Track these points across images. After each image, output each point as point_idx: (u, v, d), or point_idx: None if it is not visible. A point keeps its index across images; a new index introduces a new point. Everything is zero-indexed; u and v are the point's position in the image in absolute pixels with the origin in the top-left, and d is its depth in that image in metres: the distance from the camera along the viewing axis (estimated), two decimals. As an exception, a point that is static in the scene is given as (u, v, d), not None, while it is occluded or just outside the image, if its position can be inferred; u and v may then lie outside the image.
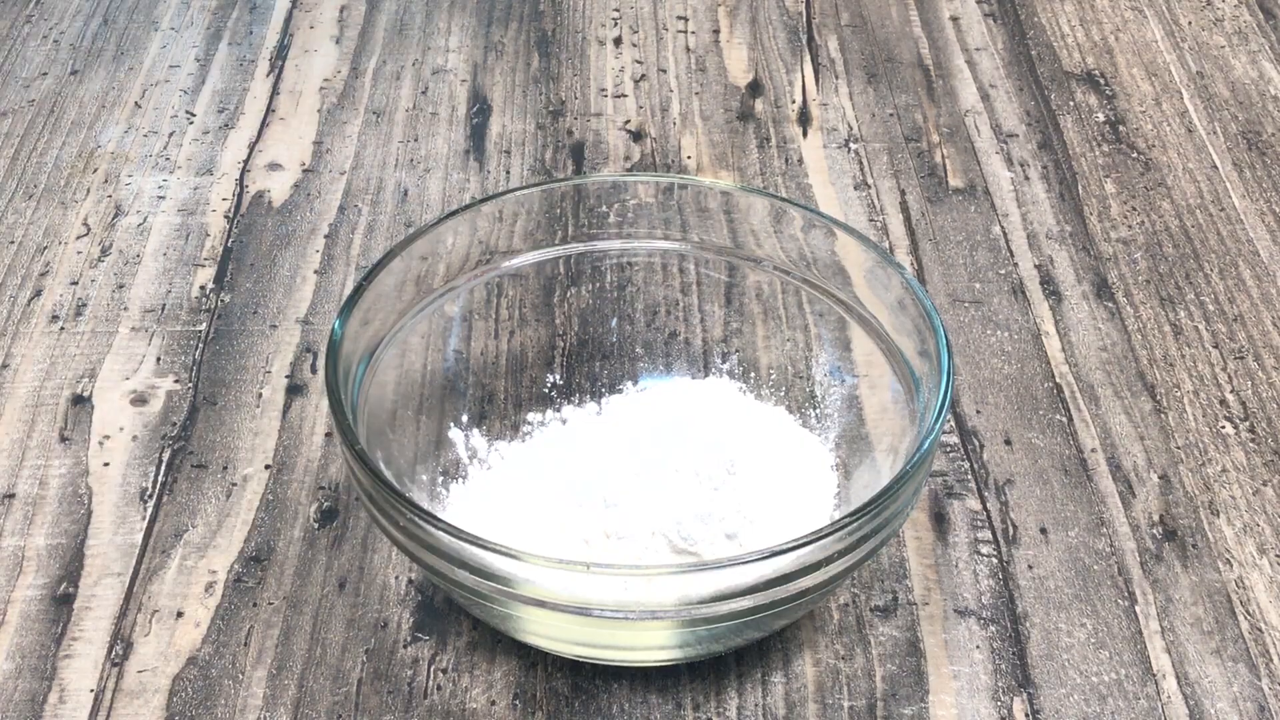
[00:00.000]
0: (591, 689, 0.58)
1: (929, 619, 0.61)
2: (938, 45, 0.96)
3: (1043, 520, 0.65)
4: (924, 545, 0.64)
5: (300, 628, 0.60)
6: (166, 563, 0.63)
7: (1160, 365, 0.73)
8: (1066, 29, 0.98)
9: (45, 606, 0.61)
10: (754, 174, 0.85)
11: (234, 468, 0.67)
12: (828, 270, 0.64)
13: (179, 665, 0.59)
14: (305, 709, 0.57)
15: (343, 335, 0.58)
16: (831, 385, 0.65)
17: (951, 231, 0.81)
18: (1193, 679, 0.59)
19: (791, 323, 0.67)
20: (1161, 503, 0.66)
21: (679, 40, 0.96)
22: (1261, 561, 0.64)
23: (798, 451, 0.64)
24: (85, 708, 0.57)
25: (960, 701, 0.58)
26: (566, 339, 0.70)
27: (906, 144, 0.87)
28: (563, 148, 0.87)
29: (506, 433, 0.66)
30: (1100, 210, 0.83)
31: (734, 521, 0.59)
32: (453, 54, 0.95)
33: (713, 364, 0.68)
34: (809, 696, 0.58)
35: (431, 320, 0.65)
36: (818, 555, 0.52)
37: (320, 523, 0.64)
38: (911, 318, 0.60)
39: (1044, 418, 0.70)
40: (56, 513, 0.65)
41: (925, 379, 0.58)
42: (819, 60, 0.94)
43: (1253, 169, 0.86)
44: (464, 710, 0.57)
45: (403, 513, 0.53)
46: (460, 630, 0.60)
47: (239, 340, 0.73)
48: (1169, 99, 0.91)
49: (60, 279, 0.77)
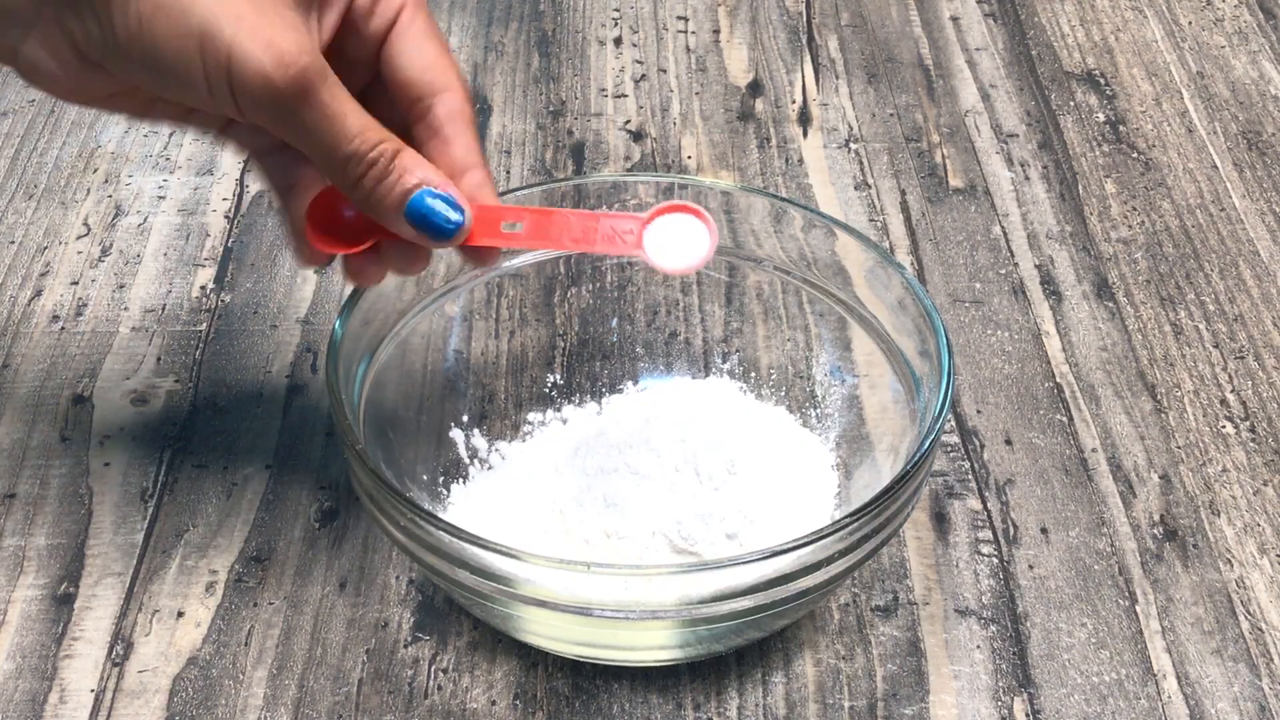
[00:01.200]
0: (592, 689, 0.58)
1: (929, 619, 0.61)
2: (938, 45, 0.96)
3: (1043, 520, 0.65)
4: (924, 545, 0.64)
5: (301, 628, 0.60)
6: (167, 563, 0.63)
7: (1160, 365, 0.73)
8: (1067, 29, 0.98)
9: (46, 606, 0.61)
10: (754, 174, 0.85)
11: (234, 468, 0.67)
12: (828, 270, 0.64)
13: (179, 665, 0.59)
14: (306, 709, 0.57)
15: (343, 335, 0.58)
16: (832, 385, 0.65)
17: (952, 231, 0.81)
18: (1193, 679, 0.59)
19: (792, 323, 0.67)
20: (1162, 503, 0.66)
21: (679, 40, 0.96)
22: (1262, 561, 0.64)
23: (798, 451, 0.64)
24: (85, 708, 0.57)
25: (961, 701, 0.58)
26: (567, 339, 0.70)
27: (907, 144, 0.87)
28: (563, 148, 0.87)
29: (507, 433, 0.66)
30: (1100, 210, 0.83)
31: (734, 521, 0.59)
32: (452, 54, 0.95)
33: (713, 364, 0.69)
34: (809, 696, 0.58)
35: (432, 320, 0.65)
36: (818, 555, 0.52)
37: (321, 523, 0.64)
38: (912, 318, 0.60)
39: (1044, 418, 0.70)
40: (57, 513, 0.65)
41: (925, 379, 0.58)
42: (819, 60, 0.94)
43: (1253, 169, 0.86)
44: (464, 710, 0.57)
45: (403, 513, 0.53)
46: (461, 630, 0.60)
47: (239, 340, 0.73)
48: (1169, 99, 0.91)
49: (60, 279, 0.77)
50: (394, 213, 0.51)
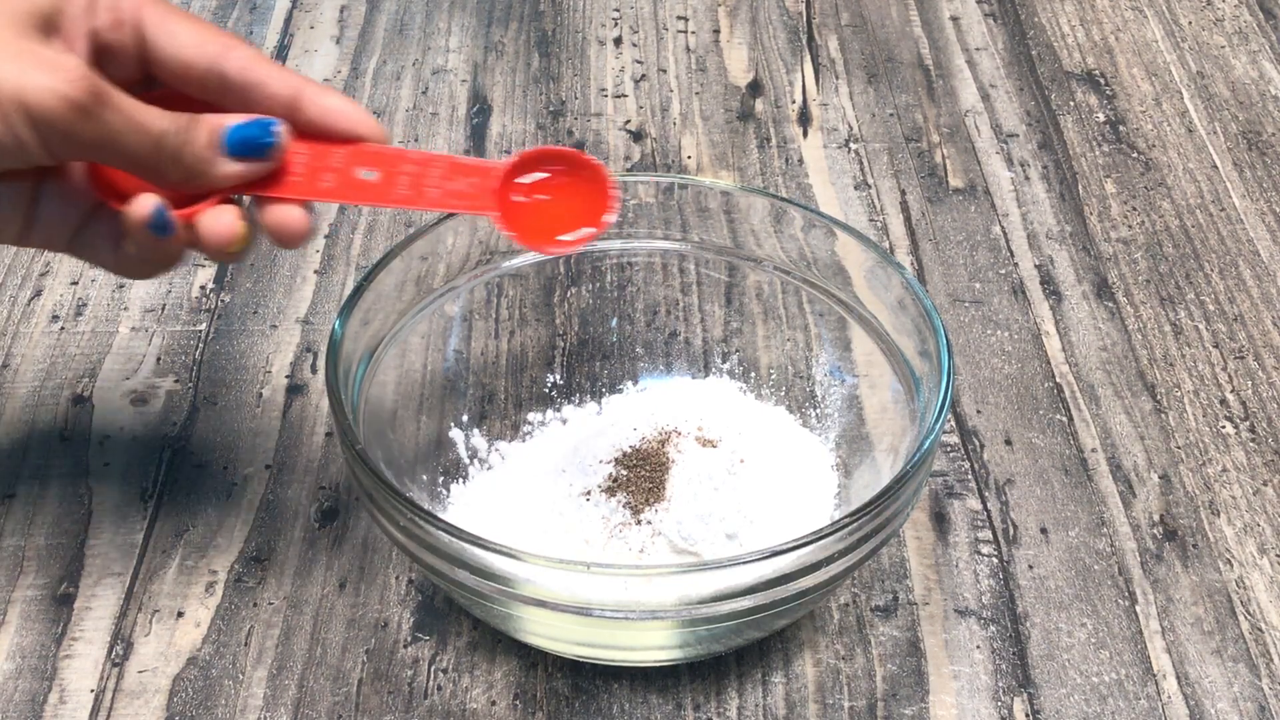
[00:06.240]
0: (592, 689, 0.58)
1: (929, 619, 0.61)
2: (938, 45, 0.96)
3: (1043, 520, 0.65)
4: (924, 545, 0.64)
5: (300, 628, 0.60)
6: (167, 563, 0.63)
7: (1160, 365, 0.73)
8: (1066, 29, 0.98)
9: (45, 606, 0.61)
10: (754, 174, 0.85)
11: (234, 468, 0.67)
12: (828, 270, 0.64)
13: (179, 665, 0.59)
14: (305, 709, 0.57)
15: (343, 335, 0.58)
16: (832, 385, 0.65)
17: (951, 231, 0.81)
18: (1193, 679, 0.59)
19: (792, 322, 0.67)
20: (1162, 503, 0.66)
21: (679, 40, 0.96)
22: (1262, 561, 0.64)
23: (798, 451, 0.64)
24: (85, 708, 0.57)
25: (961, 702, 0.58)
26: (567, 339, 0.70)
27: (907, 144, 0.87)
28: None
29: (507, 433, 0.66)
30: (1100, 210, 0.83)
31: (734, 521, 0.59)
32: (453, 54, 0.95)
33: (713, 364, 0.69)
34: (809, 696, 0.58)
35: (432, 320, 0.65)
36: (818, 555, 0.52)
37: (320, 523, 0.64)
38: (912, 317, 0.60)
39: (1044, 418, 0.70)
40: (57, 513, 0.65)
41: (925, 379, 0.58)
42: (819, 60, 0.94)
43: (1253, 169, 0.86)
44: (464, 710, 0.57)
45: (403, 513, 0.53)
46: (460, 630, 0.60)
47: (239, 340, 0.73)
48: (1169, 99, 0.91)
49: (60, 279, 0.77)
50: (215, 159, 0.51)
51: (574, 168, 0.54)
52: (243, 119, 0.52)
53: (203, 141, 0.51)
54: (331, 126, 0.53)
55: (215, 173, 0.52)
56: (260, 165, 0.52)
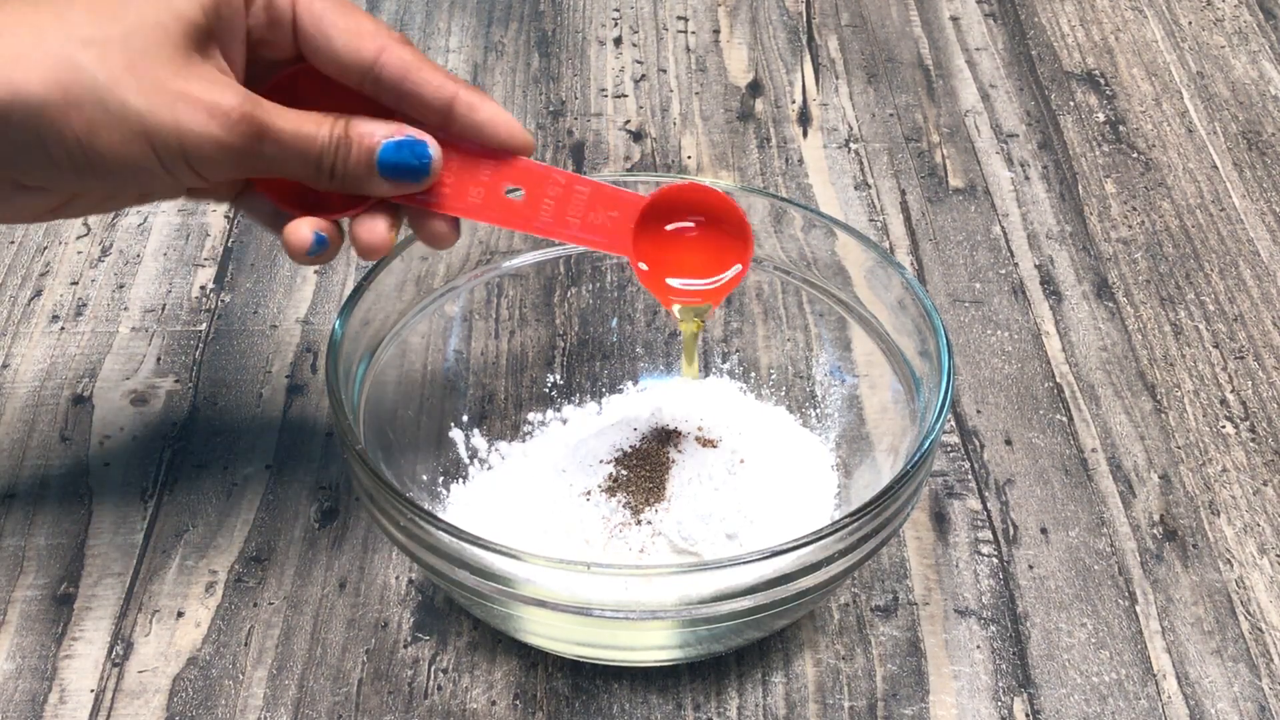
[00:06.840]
0: (592, 689, 0.58)
1: (929, 619, 0.61)
2: (938, 45, 0.96)
3: (1043, 520, 0.65)
4: (924, 545, 0.64)
5: (301, 628, 0.60)
6: (167, 563, 0.63)
7: (1160, 365, 0.73)
8: (1066, 29, 0.98)
9: (45, 606, 0.61)
10: (754, 174, 0.85)
11: (234, 468, 0.67)
12: (828, 270, 0.64)
13: (179, 665, 0.59)
14: (305, 709, 0.57)
15: (343, 335, 0.58)
16: (832, 385, 0.65)
17: (951, 231, 0.81)
18: (1193, 679, 0.59)
19: (792, 323, 0.67)
20: (1162, 503, 0.66)
21: (679, 40, 0.96)
22: (1262, 561, 0.64)
23: (798, 451, 0.64)
24: (85, 708, 0.57)
25: (961, 701, 0.58)
26: (567, 339, 0.70)
27: (906, 144, 0.87)
28: (563, 148, 0.87)
29: (507, 432, 0.66)
30: (1100, 210, 0.83)
31: (734, 521, 0.59)
32: (453, 54, 0.95)
33: (713, 364, 0.68)
34: (809, 696, 0.58)
35: (432, 320, 0.65)
36: (818, 555, 0.52)
37: (320, 523, 0.64)
38: (912, 317, 0.60)
39: (1044, 418, 0.70)
40: (57, 513, 0.65)
41: (925, 379, 0.58)
42: (819, 60, 0.94)
43: (1253, 169, 0.86)
44: (464, 710, 0.57)
45: (403, 513, 0.53)
46: (460, 630, 0.60)
47: (239, 340, 0.73)
48: (1169, 99, 0.91)
49: (60, 279, 0.77)
50: (370, 178, 0.52)
51: (714, 218, 0.56)
52: (395, 135, 0.52)
53: (358, 160, 0.52)
54: (485, 137, 0.54)
55: (370, 190, 0.53)
56: (412, 185, 0.53)
